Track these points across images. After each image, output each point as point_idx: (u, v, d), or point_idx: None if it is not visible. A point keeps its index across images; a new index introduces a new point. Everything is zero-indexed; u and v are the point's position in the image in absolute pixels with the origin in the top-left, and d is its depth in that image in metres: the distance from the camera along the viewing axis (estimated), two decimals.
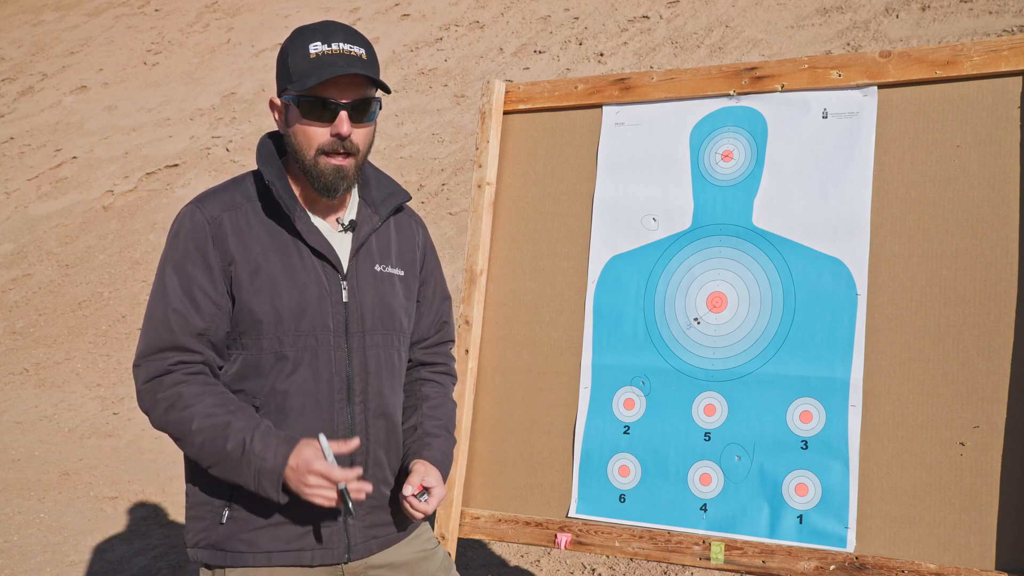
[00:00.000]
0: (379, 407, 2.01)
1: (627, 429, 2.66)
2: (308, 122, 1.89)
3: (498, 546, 4.36)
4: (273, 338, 1.93)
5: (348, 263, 2.00)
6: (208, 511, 1.97)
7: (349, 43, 1.89)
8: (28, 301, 9.43)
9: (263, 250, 1.94)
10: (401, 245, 2.12)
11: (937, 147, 2.42)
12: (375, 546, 2.04)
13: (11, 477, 5.97)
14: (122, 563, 4.60)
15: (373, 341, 2.00)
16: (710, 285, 2.62)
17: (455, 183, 8.28)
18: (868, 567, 2.33)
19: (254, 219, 1.96)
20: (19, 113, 13.11)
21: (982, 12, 7.08)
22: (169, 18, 14.07)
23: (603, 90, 2.82)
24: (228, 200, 1.97)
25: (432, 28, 11.02)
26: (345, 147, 1.91)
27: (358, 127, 1.92)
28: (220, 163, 10.40)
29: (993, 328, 2.30)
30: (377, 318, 2.01)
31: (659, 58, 8.58)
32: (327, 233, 2.00)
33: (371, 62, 1.92)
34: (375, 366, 2.00)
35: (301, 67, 1.88)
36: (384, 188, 2.11)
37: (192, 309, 1.91)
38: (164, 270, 1.94)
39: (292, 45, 1.91)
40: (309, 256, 1.96)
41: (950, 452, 2.31)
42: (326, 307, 1.95)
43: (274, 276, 1.93)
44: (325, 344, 1.95)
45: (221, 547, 1.95)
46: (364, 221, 2.04)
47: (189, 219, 1.95)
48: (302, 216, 1.96)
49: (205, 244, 1.92)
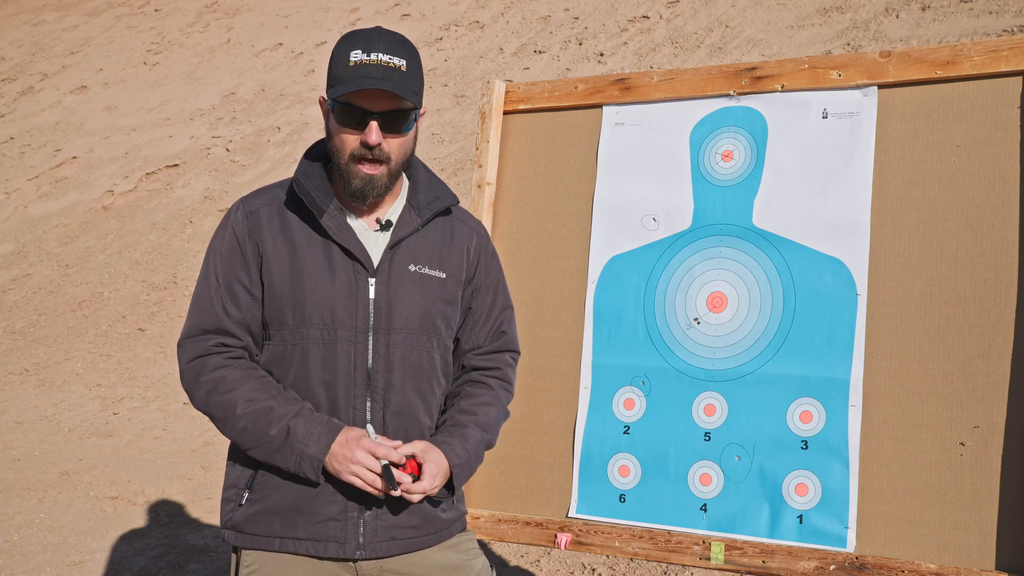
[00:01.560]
0: (399, 405, 2.01)
1: (627, 429, 2.66)
2: (341, 128, 1.94)
3: (498, 546, 4.36)
4: (296, 330, 1.98)
5: (380, 261, 2.01)
6: (234, 493, 2.03)
7: (389, 54, 1.91)
8: (28, 301, 9.43)
9: (293, 244, 2.00)
10: (448, 248, 2.11)
11: (937, 147, 2.42)
12: (394, 548, 2.02)
13: (11, 477, 5.97)
14: (122, 563, 4.60)
15: (400, 340, 2.01)
16: (710, 285, 2.62)
17: (455, 183, 8.28)
18: (868, 567, 2.33)
19: (290, 215, 2.03)
20: (19, 113, 13.12)
21: (982, 12, 7.08)
22: (169, 18, 14.07)
23: (603, 90, 2.82)
24: (271, 196, 2.07)
25: (432, 28, 11.02)
26: (375, 155, 1.93)
27: (391, 137, 1.94)
28: (220, 163, 10.40)
29: (993, 328, 2.30)
30: (406, 317, 2.02)
31: (659, 58, 8.58)
32: (361, 231, 2.03)
33: (410, 74, 1.93)
34: (399, 364, 2.01)
35: (340, 73, 1.92)
36: (432, 192, 2.12)
37: (230, 298, 2.00)
38: (208, 259, 2.05)
39: (337, 50, 1.95)
40: (339, 252, 2.00)
41: (950, 452, 2.31)
42: (351, 303, 1.98)
43: (300, 269, 1.98)
44: (346, 339, 1.97)
45: (240, 528, 2.01)
46: (405, 222, 2.06)
47: (234, 213, 2.06)
48: (334, 213, 2.00)
49: (244, 236, 2.01)
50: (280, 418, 1.91)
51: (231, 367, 1.97)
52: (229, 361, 1.98)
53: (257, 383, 1.96)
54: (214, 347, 1.99)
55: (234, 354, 2.00)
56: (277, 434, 1.91)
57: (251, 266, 2.00)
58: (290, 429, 1.90)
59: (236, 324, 1.99)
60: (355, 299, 1.98)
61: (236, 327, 1.99)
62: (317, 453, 1.89)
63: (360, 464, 1.88)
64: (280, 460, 1.93)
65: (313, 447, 1.89)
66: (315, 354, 1.97)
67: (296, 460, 1.91)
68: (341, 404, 1.97)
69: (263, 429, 1.92)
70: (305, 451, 1.89)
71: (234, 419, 1.94)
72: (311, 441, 1.89)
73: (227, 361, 1.98)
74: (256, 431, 1.93)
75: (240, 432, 1.95)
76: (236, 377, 1.96)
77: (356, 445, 1.88)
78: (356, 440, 1.89)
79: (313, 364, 1.97)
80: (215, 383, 1.96)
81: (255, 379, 1.96)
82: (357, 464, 1.88)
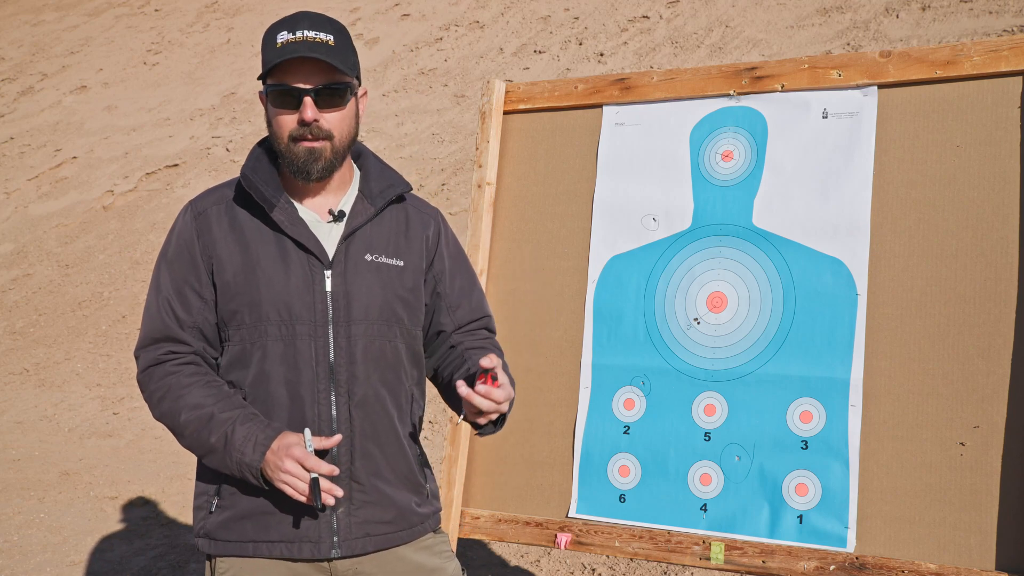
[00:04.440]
0: (364, 398, 1.97)
1: (627, 429, 2.66)
2: (277, 111, 1.92)
3: (498, 546, 4.36)
4: (253, 328, 1.95)
5: (335, 252, 1.99)
6: (204, 500, 2.01)
7: (315, 30, 1.90)
8: (28, 301, 9.43)
9: (245, 241, 1.97)
10: (404, 236, 2.08)
11: (937, 147, 2.42)
12: (369, 544, 1.99)
13: (11, 477, 5.97)
14: (122, 563, 4.60)
15: (361, 331, 1.97)
16: (710, 285, 2.62)
17: (455, 183, 8.28)
18: (868, 567, 2.33)
19: (240, 212, 2.00)
20: (19, 113, 13.11)
21: (982, 12, 7.08)
22: (169, 18, 14.07)
23: (603, 90, 2.82)
24: (219, 195, 2.04)
25: (432, 28, 11.01)
26: (313, 132, 1.91)
27: (328, 111, 1.92)
28: (220, 163, 10.40)
29: (993, 328, 2.30)
30: (365, 308, 1.98)
31: (659, 58, 8.58)
32: (313, 223, 2.00)
33: (339, 47, 1.91)
34: (362, 356, 1.97)
35: (269, 56, 1.91)
36: (384, 180, 2.09)
37: (180, 303, 1.97)
38: (158, 266, 2.03)
39: (265, 38, 1.94)
40: (293, 246, 1.97)
41: (950, 452, 2.31)
42: (307, 296, 1.95)
43: (253, 266, 1.95)
44: (305, 334, 1.95)
45: (212, 536, 1.98)
46: (358, 212, 2.02)
47: (181, 216, 2.03)
48: (284, 207, 1.97)
49: (192, 239, 1.99)
50: (220, 424, 1.89)
51: (179, 374, 1.95)
52: (178, 368, 1.96)
53: (202, 389, 1.93)
54: (163, 355, 1.97)
55: (183, 360, 1.97)
56: (217, 441, 1.89)
57: (200, 269, 1.97)
58: (227, 436, 1.88)
59: (187, 329, 1.97)
60: (311, 292, 1.95)
61: (186, 333, 1.97)
62: (253, 460, 1.87)
63: (289, 473, 1.85)
64: (225, 467, 1.91)
65: (249, 454, 1.87)
66: (275, 351, 1.94)
67: (237, 467, 1.89)
68: (306, 399, 1.94)
69: (205, 437, 1.90)
70: (242, 459, 1.87)
71: (180, 427, 1.93)
72: (247, 448, 1.87)
73: (175, 368, 1.96)
74: (199, 439, 1.92)
75: (189, 440, 1.94)
76: (182, 384, 1.94)
77: (286, 454, 1.85)
78: (287, 448, 1.86)
79: (273, 361, 1.94)
80: (164, 391, 1.95)
81: (200, 385, 1.94)
82: (286, 473, 1.85)
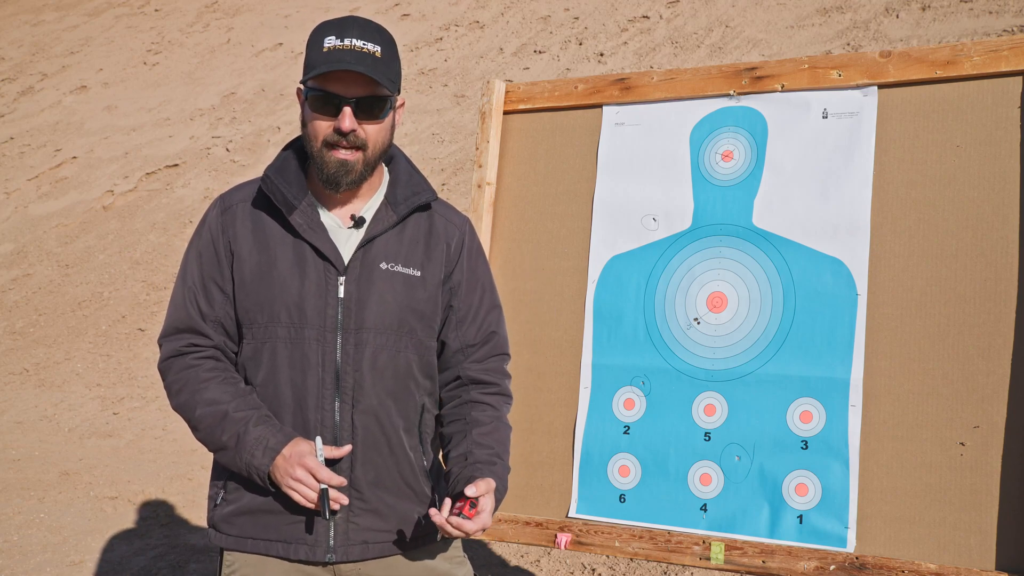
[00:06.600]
0: (369, 406, 1.96)
1: (627, 429, 2.66)
2: (315, 115, 1.91)
3: (498, 546, 4.36)
4: (264, 328, 1.96)
5: (350, 259, 1.98)
6: (214, 492, 2.03)
7: (363, 39, 1.89)
8: (28, 301, 9.43)
9: (265, 241, 1.97)
10: (425, 246, 2.04)
11: (937, 147, 2.42)
12: (367, 552, 1.98)
13: (11, 477, 5.97)
14: (122, 563, 4.60)
15: (370, 339, 1.96)
16: (710, 285, 2.62)
17: (455, 183, 8.28)
18: (868, 567, 2.33)
19: (264, 212, 2.00)
20: (19, 113, 13.11)
21: (982, 12, 7.08)
22: (169, 18, 14.06)
23: (603, 90, 2.82)
24: (247, 192, 2.04)
25: (432, 28, 11.02)
26: (349, 141, 1.90)
27: (366, 123, 1.91)
28: (220, 163, 10.40)
29: (993, 328, 2.30)
30: (377, 316, 1.96)
31: (659, 58, 8.58)
32: (333, 228, 1.99)
33: (384, 60, 1.91)
34: (369, 364, 1.96)
35: (314, 59, 1.90)
36: (410, 187, 2.05)
37: (204, 296, 1.99)
38: (187, 255, 2.04)
39: (312, 38, 1.93)
40: (310, 251, 1.96)
41: (950, 452, 2.31)
42: (319, 301, 1.95)
43: (269, 267, 1.96)
44: (313, 338, 1.94)
45: (219, 528, 2.01)
46: (380, 219, 2.00)
47: (211, 209, 2.05)
48: (305, 210, 1.97)
49: (218, 233, 2.00)
50: (233, 424, 1.91)
51: (198, 368, 1.97)
52: (198, 361, 1.98)
53: (220, 386, 1.95)
54: (185, 347, 1.99)
55: (204, 354, 1.99)
56: (228, 440, 1.91)
57: (223, 264, 1.99)
58: (239, 437, 1.90)
59: (210, 323, 1.99)
60: (324, 298, 1.95)
61: (209, 326, 1.99)
62: (261, 464, 1.89)
63: (300, 482, 1.87)
64: (234, 466, 1.93)
65: (259, 458, 1.89)
66: (283, 353, 1.95)
67: (246, 468, 1.91)
68: (310, 403, 1.94)
69: (218, 434, 1.92)
70: (252, 461, 1.89)
71: (195, 421, 1.96)
72: (257, 451, 1.89)
73: (196, 361, 1.98)
74: (212, 435, 1.94)
75: (203, 435, 1.96)
76: (199, 378, 1.96)
77: (298, 463, 1.87)
78: (300, 457, 1.87)
79: (281, 363, 1.95)
80: (181, 384, 1.97)
81: (218, 381, 1.96)
82: (296, 481, 1.87)
